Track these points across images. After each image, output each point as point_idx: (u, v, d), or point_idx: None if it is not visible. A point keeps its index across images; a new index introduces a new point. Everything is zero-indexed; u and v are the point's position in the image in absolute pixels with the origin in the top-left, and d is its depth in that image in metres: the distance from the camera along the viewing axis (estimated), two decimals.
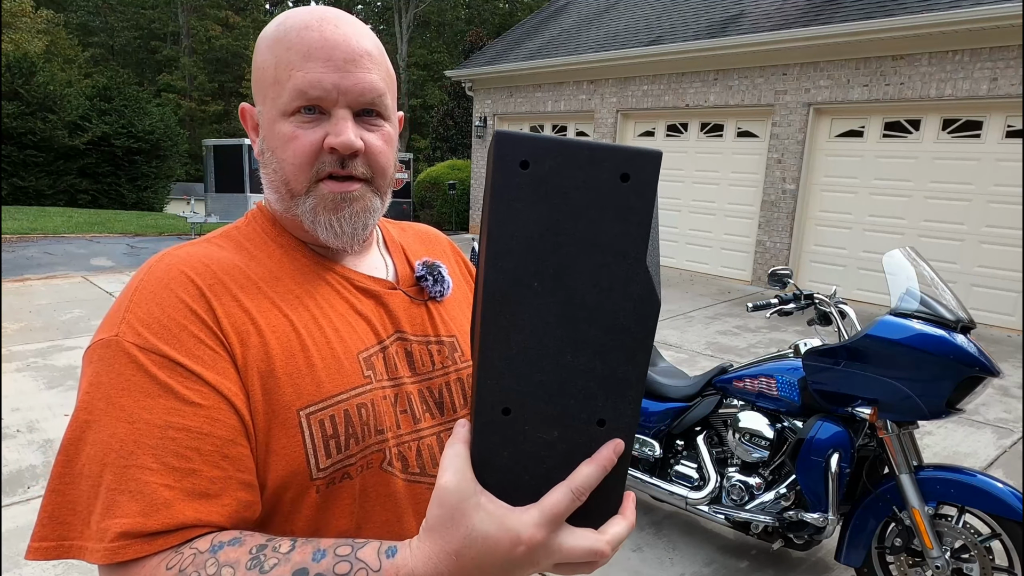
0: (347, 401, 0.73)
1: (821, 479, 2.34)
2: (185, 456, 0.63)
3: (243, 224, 0.83)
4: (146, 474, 0.62)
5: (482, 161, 12.68)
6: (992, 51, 6.54)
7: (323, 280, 0.79)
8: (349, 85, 0.73)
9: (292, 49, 0.72)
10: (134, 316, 0.68)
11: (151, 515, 0.61)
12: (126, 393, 0.64)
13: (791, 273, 2.61)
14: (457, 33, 31.31)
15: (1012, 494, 2.15)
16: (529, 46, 11.92)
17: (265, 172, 0.78)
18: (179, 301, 0.68)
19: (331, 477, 0.71)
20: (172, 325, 0.67)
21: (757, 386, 2.57)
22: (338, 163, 0.75)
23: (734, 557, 2.81)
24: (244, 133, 16.37)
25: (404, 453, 0.77)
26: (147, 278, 0.71)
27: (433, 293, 0.87)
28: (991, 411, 4.54)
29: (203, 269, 0.72)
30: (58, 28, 25.24)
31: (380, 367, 0.78)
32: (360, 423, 0.73)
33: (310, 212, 0.76)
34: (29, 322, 6.08)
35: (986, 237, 6.89)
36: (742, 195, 8.85)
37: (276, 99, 0.74)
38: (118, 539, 0.61)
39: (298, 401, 0.70)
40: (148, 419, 0.63)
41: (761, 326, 6.57)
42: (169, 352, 0.66)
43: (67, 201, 17.63)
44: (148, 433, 0.63)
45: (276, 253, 0.79)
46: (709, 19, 9.26)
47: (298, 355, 0.71)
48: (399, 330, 0.82)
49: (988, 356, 2.13)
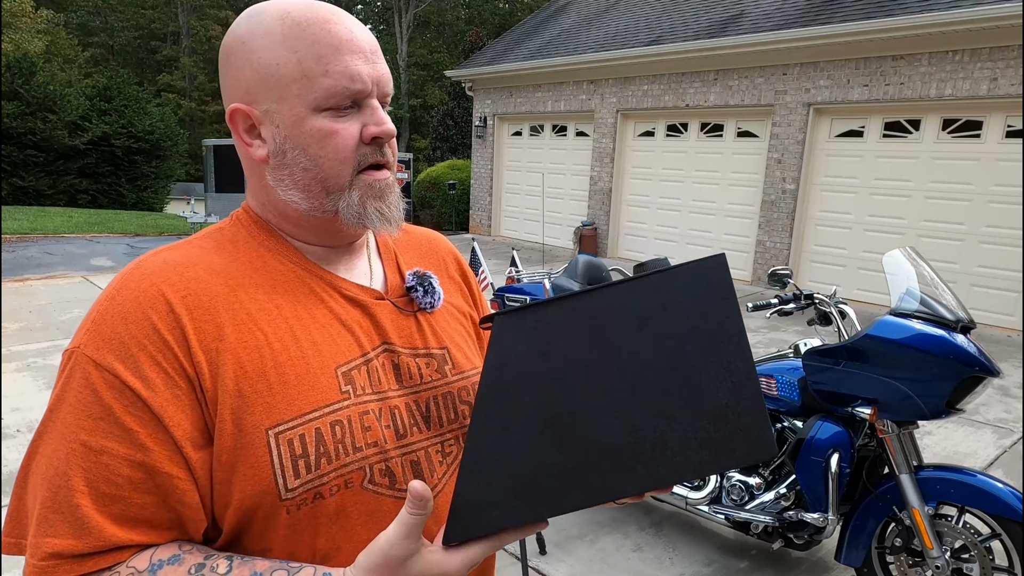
0: (319, 419, 0.70)
1: (821, 479, 2.34)
2: (116, 483, 0.64)
3: (228, 226, 0.80)
4: (77, 496, 0.63)
5: (482, 161, 12.69)
6: (992, 51, 6.54)
7: (307, 287, 0.77)
8: (379, 75, 0.74)
9: (319, 43, 0.71)
10: (98, 328, 0.68)
11: (82, 537, 0.62)
12: (73, 411, 0.65)
13: (791, 273, 2.61)
14: (457, 33, 31.31)
15: (1012, 494, 2.15)
16: (529, 46, 11.92)
17: (288, 173, 0.74)
18: (144, 318, 0.67)
19: (302, 498, 0.69)
20: (132, 343, 0.66)
21: None
22: (379, 153, 0.75)
23: (734, 557, 2.81)
24: None
25: (392, 469, 0.74)
26: (120, 287, 0.70)
27: (423, 304, 0.85)
28: (991, 411, 4.54)
29: (178, 281, 0.70)
30: (58, 28, 25.24)
31: (362, 381, 0.75)
32: (334, 441, 0.70)
33: (357, 204, 0.75)
34: (29, 322, 6.08)
35: (986, 237, 6.89)
36: (742, 195, 8.85)
37: (304, 95, 0.71)
38: (48, 559, 0.62)
39: (267, 420, 0.68)
40: (85, 440, 0.64)
41: (761, 326, 6.57)
42: (121, 372, 0.65)
43: (67, 201, 17.62)
44: (84, 455, 0.64)
45: (261, 257, 0.77)
46: (709, 19, 9.26)
47: (270, 372, 0.70)
48: (386, 341, 0.79)
49: (988, 356, 2.12)
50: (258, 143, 0.75)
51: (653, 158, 9.90)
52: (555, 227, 11.38)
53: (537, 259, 9.51)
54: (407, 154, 15.41)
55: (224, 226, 0.81)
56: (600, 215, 10.53)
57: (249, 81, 0.73)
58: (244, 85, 0.73)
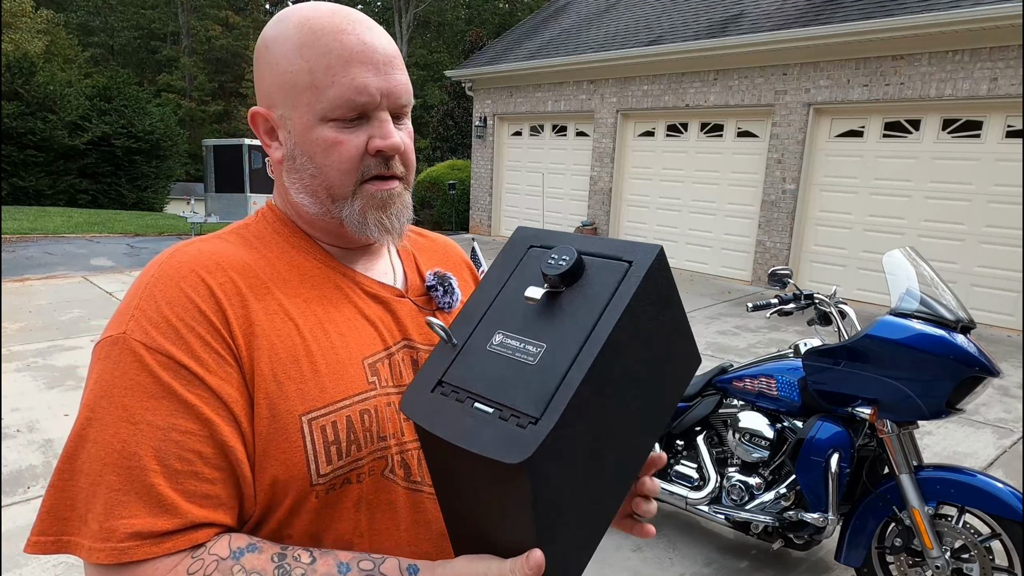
0: (350, 407, 0.73)
1: (821, 479, 2.34)
2: (187, 459, 0.64)
3: (253, 222, 0.82)
4: (150, 475, 0.63)
5: (482, 161, 12.69)
6: (992, 51, 6.54)
7: (332, 283, 0.79)
8: (390, 88, 0.74)
9: (331, 53, 0.72)
10: (143, 314, 0.68)
11: (160, 516, 0.62)
12: (130, 393, 0.65)
13: (791, 273, 2.61)
14: (457, 33, 31.31)
15: (1012, 494, 2.15)
16: (529, 46, 11.92)
17: (299, 177, 0.77)
18: (189, 301, 0.69)
19: (331, 483, 0.71)
20: (180, 326, 0.67)
21: (757, 386, 2.57)
22: (384, 165, 0.76)
23: (734, 557, 2.81)
24: (244, 133, 16.33)
25: (407, 461, 0.77)
26: (159, 275, 0.71)
27: (442, 304, 0.87)
28: (991, 411, 4.54)
29: (215, 268, 0.72)
30: (58, 28, 25.22)
31: (385, 373, 0.77)
32: (363, 429, 0.73)
33: (358, 214, 0.77)
34: (29, 322, 6.08)
35: (986, 237, 6.89)
36: (742, 195, 8.85)
37: (313, 104, 0.73)
38: (128, 539, 0.61)
39: (301, 406, 0.70)
40: (151, 420, 0.64)
41: (761, 326, 6.57)
42: (175, 353, 0.66)
43: (67, 201, 17.62)
44: (151, 435, 0.64)
45: (287, 253, 0.79)
46: (709, 19, 9.26)
47: (303, 360, 0.71)
48: (406, 337, 0.82)
49: (988, 356, 2.12)
50: (276, 145, 0.79)
51: (653, 158, 9.90)
52: (555, 227, 11.38)
53: None
54: None
55: (250, 223, 0.83)
56: (600, 215, 10.53)
57: (269, 85, 0.76)
58: (265, 89, 0.77)
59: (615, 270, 0.64)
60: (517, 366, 0.62)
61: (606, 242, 0.67)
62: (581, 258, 0.65)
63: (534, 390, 0.59)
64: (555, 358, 0.60)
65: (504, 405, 0.60)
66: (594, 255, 0.66)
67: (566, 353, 0.60)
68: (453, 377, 0.64)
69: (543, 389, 0.59)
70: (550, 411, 0.57)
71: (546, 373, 0.60)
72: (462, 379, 0.64)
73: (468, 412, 0.61)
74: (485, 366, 0.63)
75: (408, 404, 0.65)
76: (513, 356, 0.63)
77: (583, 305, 0.63)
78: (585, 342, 0.60)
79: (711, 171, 9.18)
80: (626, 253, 0.65)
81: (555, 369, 0.59)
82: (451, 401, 0.63)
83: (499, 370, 0.62)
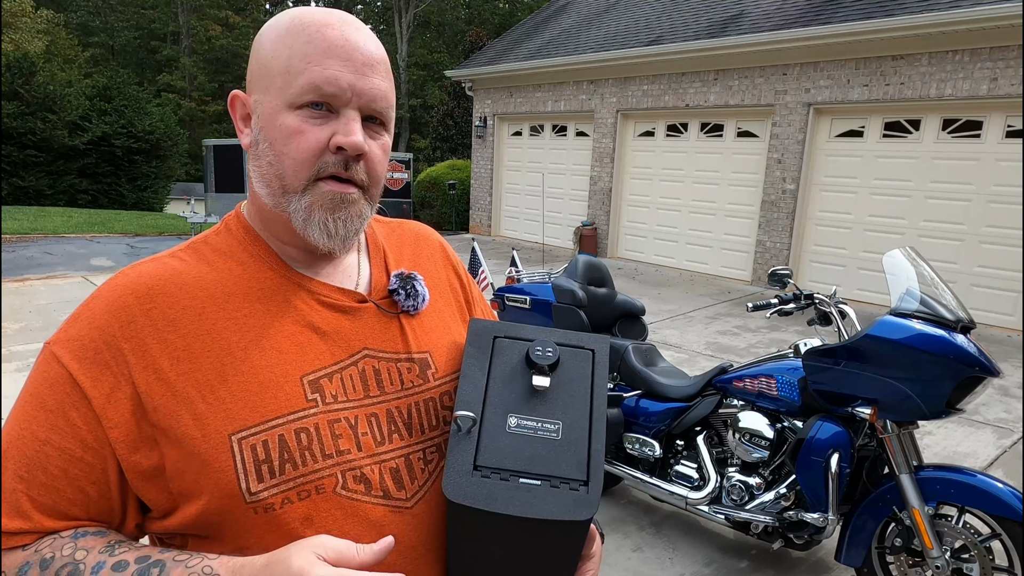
0: (283, 426, 0.71)
1: (821, 479, 2.34)
2: (52, 474, 0.69)
3: (214, 233, 0.82)
4: (14, 481, 0.69)
5: (482, 161, 12.69)
6: (992, 51, 6.54)
7: (282, 296, 0.77)
8: (364, 88, 0.73)
9: (311, 43, 0.71)
10: (70, 327, 0.73)
11: (12, 518, 0.68)
12: (31, 399, 0.71)
13: (791, 273, 2.61)
14: (457, 33, 31.30)
15: (1012, 494, 2.15)
16: (529, 46, 11.92)
17: (257, 164, 0.76)
18: (107, 325, 0.71)
19: (269, 503, 0.70)
20: (91, 347, 0.70)
21: (757, 386, 2.57)
22: (342, 165, 0.73)
23: (734, 557, 2.81)
24: None
25: (366, 475, 0.74)
26: (99, 293, 0.74)
27: (405, 307, 0.84)
28: (991, 411, 4.54)
29: (145, 294, 0.73)
30: (58, 28, 25.24)
31: (332, 389, 0.75)
32: (299, 448, 0.71)
33: (304, 211, 0.74)
34: (29, 322, 6.08)
35: (986, 237, 6.89)
36: (742, 195, 8.85)
37: (284, 89, 0.72)
38: None
39: (229, 425, 0.70)
40: (34, 430, 0.69)
41: (761, 326, 6.57)
42: (76, 372, 0.70)
43: (67, 201, 17.62)
44: (30, 444, 0.69)
45: (242, 265, 0.78)
46: (709, 19, 9.26)
47: (231, 379, 0.71)
48: (367, 347, 0.79)
49: (988, 356, 2.12)
50: (247, 131, 0.78)
51: (653, 158, 9.90)
52: (555, 227, 11.39)
53: (537, 259, 9.51)
54: (407, 154, 15.38)
55: (210, 234, 0.82)
56: (600, 215, 10.53)
57: (252, 71, 0.77)
58: (249, 74, 0.78)
59: (584, 357, 0.79)
60: (544, 443, 0.72)
61: (563, 333, 0.81)
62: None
63: (572, 460, 0.71)
64: (574, 432, 0.73)
65: (551, 476, 0.70)
66: (562, 344, 0.80)
67: (581, 427, 0.74)
68: (486, 460, 0.71)
69: (578, 457, 0.71)
70: (594, 473, 0.70)
71: (574, 445, 0.72)
72: (497, 460, 0.71)
73: (518, 487, 0.69)
74: (514, 446, 0.72)
75: (456, 491, 0.69)
76: (535, 435, 0.73)
77: (574, 386, 0.77)
78: (591, 418, 0.74)
79: (711, 171, 9.18)
80: (585, 342, 0.80)
81: (579, 441, 0.73)
82: (496, 481, 0.70)
83: (529, 448, 0.72)
